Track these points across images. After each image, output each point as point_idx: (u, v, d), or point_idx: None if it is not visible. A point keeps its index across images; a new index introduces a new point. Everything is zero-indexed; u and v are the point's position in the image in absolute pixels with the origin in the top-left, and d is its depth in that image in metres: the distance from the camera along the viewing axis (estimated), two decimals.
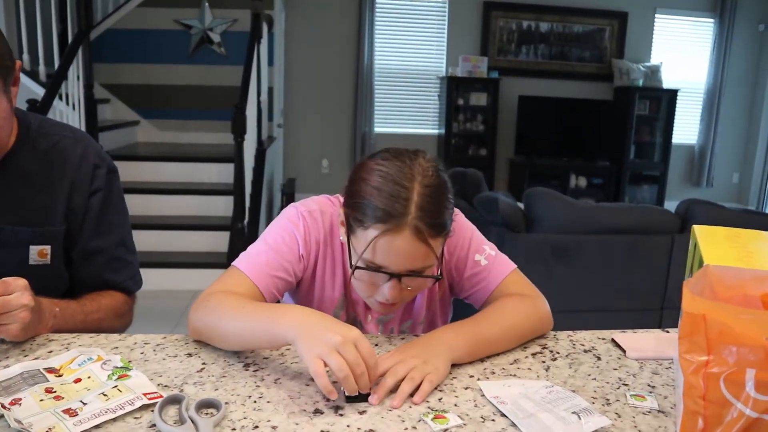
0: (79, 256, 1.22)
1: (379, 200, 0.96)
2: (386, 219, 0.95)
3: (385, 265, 0.99)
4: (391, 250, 0.97)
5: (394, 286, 1.01)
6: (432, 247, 0.98)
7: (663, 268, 2.81)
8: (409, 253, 0.97)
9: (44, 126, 1.20)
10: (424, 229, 0.96)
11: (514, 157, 6.81)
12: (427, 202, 0.96)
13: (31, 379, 0.85)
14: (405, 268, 1.00)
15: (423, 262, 1.00)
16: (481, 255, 1.16)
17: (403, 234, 0.95)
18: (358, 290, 1.09)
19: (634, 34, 6.95)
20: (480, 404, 0.85)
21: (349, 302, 1.19)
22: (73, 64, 3.97)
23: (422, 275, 1.02)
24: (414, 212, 0.95)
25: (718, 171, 7.37)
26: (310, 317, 0.88)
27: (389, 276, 1.00)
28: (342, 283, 1.17)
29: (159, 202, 4.39)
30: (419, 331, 1.23)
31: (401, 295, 1.04)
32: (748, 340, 0.66)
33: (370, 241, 0.97)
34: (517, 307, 1.09)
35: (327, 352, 0.80)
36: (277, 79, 5.94)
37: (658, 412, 0.85)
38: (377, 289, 1.04)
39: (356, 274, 1.03)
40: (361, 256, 0.99)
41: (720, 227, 0.97)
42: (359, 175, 1.01)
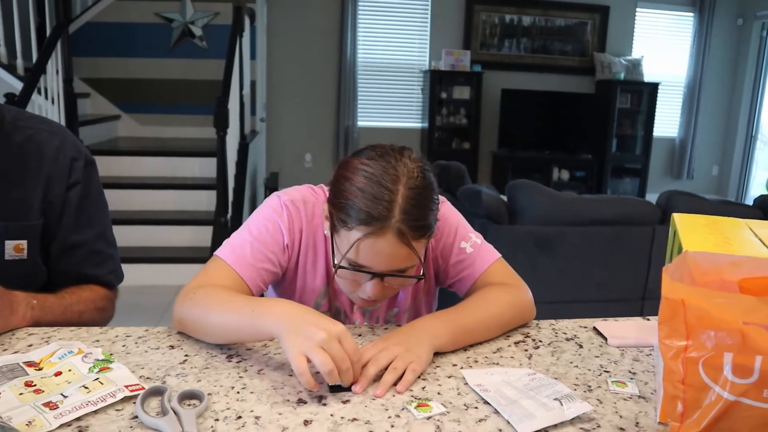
0: (59, 250, 1.20)
1: (362, 202, 0.96)
2: (370, 222, 0.95)
3: (368, 266, 0.99)
4: (374, 252, 0.97)
5: (377, 285, 1.02)
6: (414, 249, 0.98)
7: (644, 258, 2.84)
8: (392, 255, 0.98)
9: (19, 118, 1.18)
10: (407, 231, 0.96)
11: (497, 151, 6.84)
12: (411, 205, 0.96)
13: (10, 373, 0.84)
14: (387, 268, 1.00)
15: (405, 263, 1.00)
16: (466, 243, 1.17)
17: (386, 237, 0.95)
18: (341, 286, 1.10)
19: (616, 28, 7.00)
20: (463, 392, 0.86)
21: (333, 292, 1.19)
22: (52, 57, 3.91)
23: (404, 275, 1.03)
24: (398, 215, 0.95)
25: (698, 163, 7.46)
26: (295, 312, 0.88)
27: (372, 275, 1.01)
28: (324, 272, 1.17)
29: (141, 197, 4.36)
30: (404, 320, 1.24)
31: (383, 292, 1.05)
32: (726, 324, 0.67)
33: (353, 243, 0.97)
34: (499, 296, 1.09)
35: (311, 347, 0.81)
36: (260, 73, 5.90)
37: (639, 398, 0.86)
38: (360, 286, 1.05)
39: (339, 272, 1.04)
40: (344, 256, 1.00)
41: (699, 215, 0.98)
42: (344, 173, 1.01)
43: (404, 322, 1.17)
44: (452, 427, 0.77)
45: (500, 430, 0.76)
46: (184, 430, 0.72)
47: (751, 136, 7.35)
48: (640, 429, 0.78)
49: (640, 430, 0.78)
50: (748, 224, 0.97)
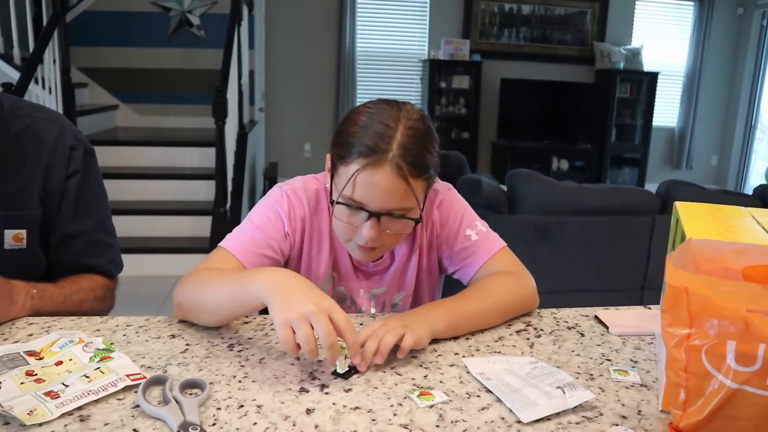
0: (58, 240, 1.19)
1: (363, 137, 0.98)
2: (368, 153, 0.97)
3: (365, 202, 1.00)
4: (370, 185, 0.98)
5: (373, 226, 1.01)
6: (412, 187, 0.99)
7: (644, 248, 2.84)
8: (388, 190, 0.98)
9: (17, 107, 1.17)
10: (405, 167, 0.97)
11: (496, 140, 6.83)
12: (411, 143, 0.98)
13: (10, 363, 0.84)
14: (384, 206, 1.00)
15: (402, 202, 1.00)
16: (472, 230, 1.17)
17: (383, 169, 0.97)
18: (338, 233, 1.08)
19: (615, 17, 6.96)
20: (465, 381, 0.86)
21: (340, 277, 1.19)
22: (49, 47, 3.88)
23: (401, 216, 1.02)
24: (396, 150, 0.97)
25: (698, 153, 7.45)
26: (286, 279, 0.86)
27: (368, 215, 1.00)
28: (328, 258, 1.17)
29: (140, 187, 4.35)
30: (410, 307, 1.23)
31: (380, 238, 1.03)
32: (729, 312, 0.67)
33: (351, 176, 0.98)
34: (502, 284, 1.09)
35: (297, 319, 0.79)
36: (258, 63, 5.87)
37: (641, 386, 0.86)
38: (356, 232, 1.04)
39: (336, 212, 1.04)
40: (341, 192, 1.00)
41: (701, 203, 0.98)
42: (347, 117, 1.04)
43: (409, 306, 1.20)
44: (455, 415, 0.77)
45: (503, 418, 0.76)
46: (186, 419, 0.72)
47: (751, 126, 7.34)
48: (643, 417, 0.78)
49: (643, 418, 0.78)
50: (750, 212, 0.96)
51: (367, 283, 1.21)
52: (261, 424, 0.73)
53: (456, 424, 0.75)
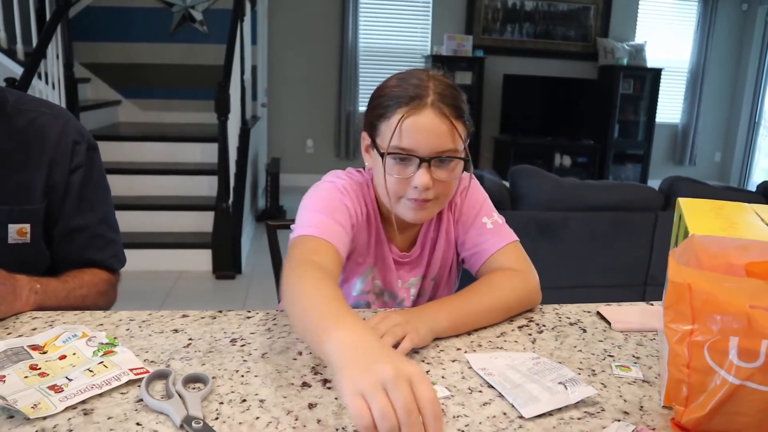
0: (61, 234, 1.20)
1: (399, 92, 1.05)
2: (409, 101, 1.03)
3: (413, 148, 1.03)
4: (416, 128, 1.02)
5: (425, 173, 1.04)
6: (456, 127, 1.04)
7: (647, 244, 2.84)
8: (434, 131, 1.03)
9: (21, 102, 1.17)
10: (445, 108, 1.03)
11: (498, 136, 6.82)
12: (445, 90, 1.05)
13: (15, 356, 0.84)
14: (432, 148, 1.03)
15: (448, 143, 1.04)
16: (488, 219, 1.20)
17: (425, 112, 1.02)
18: (390, 191, 1.08)
19: (619, 13, 6.94)
20: (467, 376, 0.86)
21: (378, 270, 1.21)
22: (52, 42, 3.88)
23: (449, 158, 1.05)
24: (433, 95, 1.03)
25: (701, 150, 7.43)
26: (360, 341, 0.70)
27: (419, 162, 1.04)
28: (374, 249, 1.20)
29: (142, 183, 4.35)
30: (428, 288, 1.27)
31: (434, 186, 1.06)
32: (732, 308, 0.67)
33: (396, 125, 1.03)
34: (505, 281, 1.10)
35: (372, 388, 0.62)
36: (261, 58, 5.87)
37: (643, 382, 0.86)
38: (408, 185, 1.06)
39: (388, 168, 1.06)
40: (389, 144, 1.04)
41: (704, 200, 0.98)
42: (380, 87, 1.10)
43: (428, 297, 1.26)
44: (457, 410, 0.77)
45: (504, 414, 0.77)
46: (189, 413, 0.72)
47: (754, 123, 7.32)
48: (645, 413, 0.78)
49: (645, 413, 0.78)
50: (753, 208, 0.96)
51: (404, 272, 1.23)
52: (263, 418, 0.73)
53: (458, 419, 0.75)
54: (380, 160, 1.07)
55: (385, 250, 1.21)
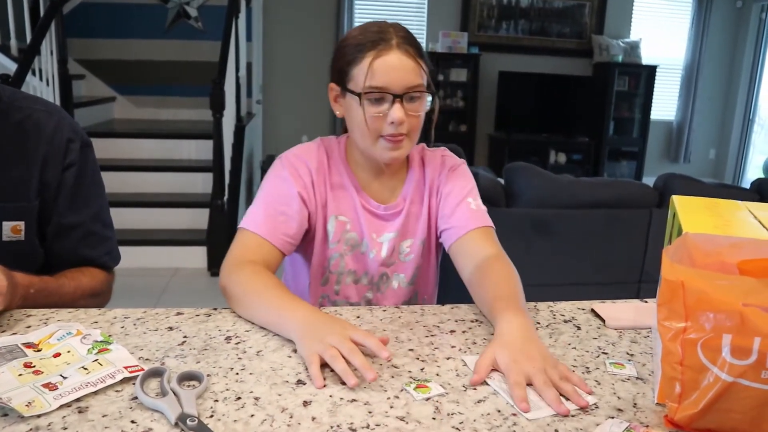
0: (54, 232, 1.19)
1: (364, 39, 1.13)
2: (376, 45, 1.12)
3: (386, 85, 1.11)
4: (386, 67, 1.11)
5: (399, 108, 1.12)
6: (421, 65, 1.14)
7: (641, 241, 2.85)
8: (402, 68, 1.12)
9: (15, 99, 1.17)
10: (409, 48, 1.13)
11: (494, 133, 6.82)
12: (405, 33, 1.16)
13: (8, 354, 0.84)
14: (403, 84, 1.12)
15: (416, 79, 1.13)
16: (474, 201, 1.26)
17: (392, 52, 1.12)
18: (368, 132, 1.15)
19: (614, 10, 6.95)
20: (462, 374, 0.86)
21: (353, 222, 1.26)
22: (46, 38, 3.87)
23: (419, 93, 1.14)
24: (395, 37, 1.13)
25: (696, 147, 7.45)
26: (313, 318, 0.92)
27: (392, 98, 1.12)
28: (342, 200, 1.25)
29: (137, 180, 4.34)
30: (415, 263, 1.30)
31: (408, 119, 1.14)
32: (725, 306, 0.67)
33: (367, 67, 1.11)
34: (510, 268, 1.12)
35: (323, 348, 0.84)
36: (256, 55, 5.86)
37: (637, 379, 0.86)
38: (384, 122, 1.13)
39: (365, 107, 1.13)
40: (364, 85, 1.11)
41: (698, 197, 0.98)
42: (342, 40, 1.18)
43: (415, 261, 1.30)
44: (451, 407, 0.77)
45: (498, 411, 0.77)
46: (184, 410, 0.72)
47: (749, 120, 7.35)
48: (638, 410, 0.78)
49: (638, 410, 0.78)
50: (747, 206, 0.97)
51: (379, 226, 1.27)
52: (258, 416, 0.74)
53: (452, 417, 0.75)
54: (354, 105, 1.15)
55: (356, 200, 1.25)
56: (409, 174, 1.30)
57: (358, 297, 1.30)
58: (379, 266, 1.28)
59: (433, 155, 1.32)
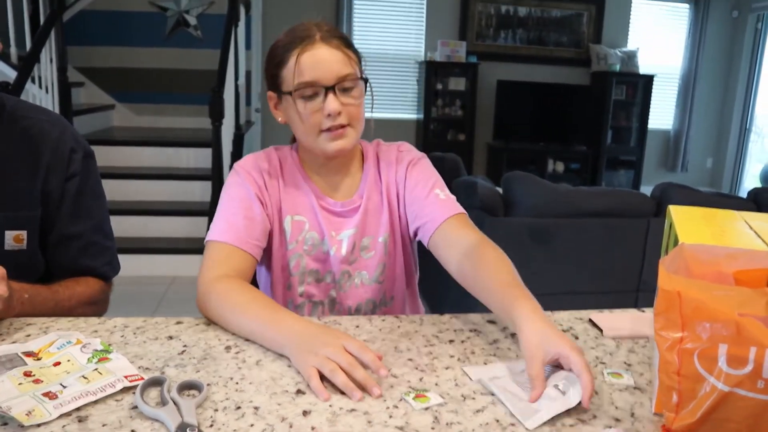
0: (56, 242, 1.20)
1: (288, 39, 1.14)
2: (299, 42, 1.13)
3: (316, 79, 1.11)
4: (313, 61, 1.11)
5: (333, 99, 1.12)
6: (348, 56, 1.14)
7: (639, 250, 2.85)
8: (329, 59, 1.12)
9: (19, 108, 1.18)
10: (334, 40, 1.14)
11: (492, 142, 6.84)
12: (329, 28, 1.16)
13: (8, 363, 0.84)
14: (333, 75, 1.12)
15: (346, 68, 1.13)
16: (442, 192, 1.24)
17: (317, 46, 1.12)
18: (308, 129, 1.15)
19: (612, 20, 6.99)
20: (461, 383, 0.86)
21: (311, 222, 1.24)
22: (46, 46, 3.88)
23: (352, 82, 1.14)
24: (319, 32, 1.14)
25: (693, 156, 7.47)
26: (303, 330, 0.92)
27: (324, 91, 1.12)
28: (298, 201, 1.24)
29: (136, 187, 4.34)
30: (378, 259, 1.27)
31: (345, 111, 1.13)
32: (721, 316, 0.68)
33: (294, 65, 1.12)
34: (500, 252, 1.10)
35: (320, 361, 0.84)
36: (255, 63, 5.87)
37: (635, 389, 0.87)
38: (321, 116, 1.13)
39: (299, 106, 1.13)
40: (294, 83, 1.12)
41: (695, 207, 0.99)
42: (270, 48, 1.19)
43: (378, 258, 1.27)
44: (450, 417, 0.78)
45: (497, 421, 0.77)
46: (184, 420, 0.73)
47: (745, 129, 7.37)
48: (636, 419, 0.79)
49: (636, 420, 0.79)
50: (742, 216, 0.97)
51: (338, 224, 1.25)
52: (258, 425, 0.74)
53: (451, 426, 0.76)
54: (291, 106, 1.15)
55: (312, 200, 1.24)
56: (364, 170, 1.29)
57: (323, 296, 1.28)
58: (340, 263, 1.26)
59: (388, 150, 1.31)
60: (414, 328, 1.06)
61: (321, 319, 1.09)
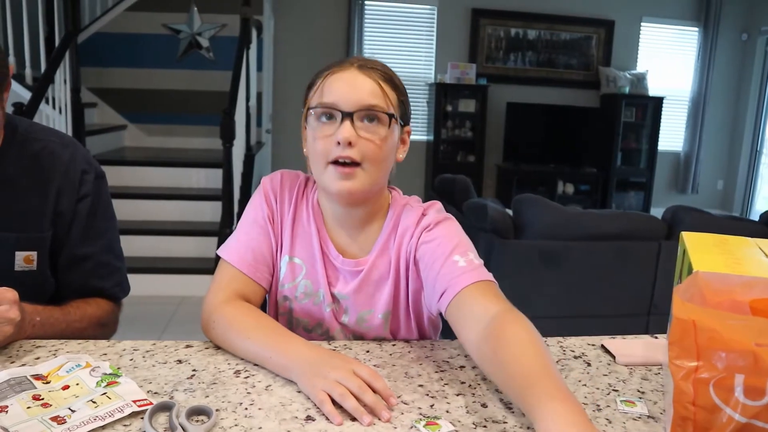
0: (66, 262, 1.20)
1: (326, 65, 1.07)
2: (334, 66, 1.05)
3: (335, 102, 1.00)
4: (339, 82, 1.02)
5: (348, 126, 0.99)
6: (382, 87, 1.03)
7: (650, 274, 2.83)
8: (356, 85, 1.01)
9: (31, 130, 1.19)
10: (370, 70, 1.03)
11: (502, 164, 6.84)
12: (374, 62, 1.06)
13: (17, 386, 0.84)
14: (354, 102, 1.00)
15: (373, 99, 1.01)
16: (462, 257, 1.02)
17: (349, 70, 1.03)
18: (316, 157, 1.03)
19: (621, 42, 7.02)
20: (472, 411, 0.85)
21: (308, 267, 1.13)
22: (60, 67, 3.94)
23: (375, 115, 1.01)
24: (359, 61, 1.05)
25: (703, 178, 7.44)
26: (312, 354, 0.91)
27: (341, 116, 1.00)
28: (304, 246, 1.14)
29: (146, 208, 4.37)
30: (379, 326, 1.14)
31: (362, 144, 1.00)
32: (737, 346, 0.67)
33: (320, 86, 1.03)
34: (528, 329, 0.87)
35: (330, 386, 0.83)
36: (266, 85, 5.93)
37: (648, 418, 0.85)
38: (333, 143, 1.00)
39: (311, 127, 1.03)
40: (316, 103, 1.02)
41: (708, 234, 0.98)
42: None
43: (375, 332, 1.14)
44: None
45: None
46: None
47: (756, 151, 7.35)
48: None
49: None
50: (757, 243, 0.96)
51: (334, 279, 1.13)
52: None
53: None
54: (309, 132, 1.05)
55: (315, 244, 1.12)
56: (382, 231, 1.12)
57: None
58: (335, 323, 1.14)
59: (412, 211, 1.11)
60: (425, 353, 1.05)
61: (330, 344, 1.08)
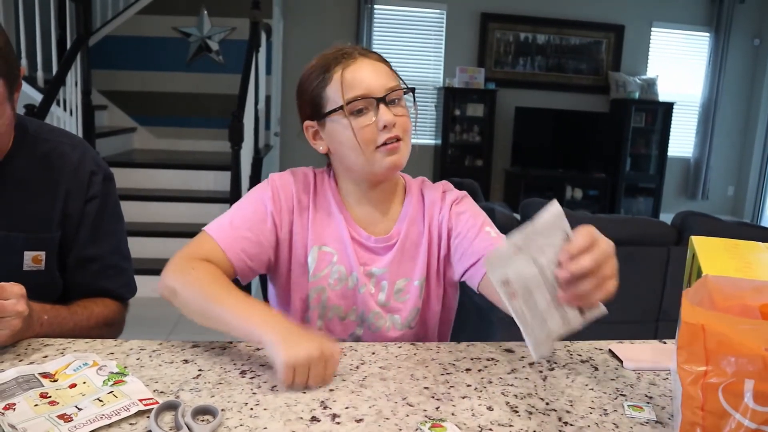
0: (74, 263, 1.21)
1: (325, 61, 1.13)
2: (339, 60, 1.11)
3: (366, 91, 1.09)
4: (360, 75, 1.09)
5: (386, 110, 1.09)
6: (388, 66, 1.14)
7: (659, 280, 2.81)
8: (375, 71, 1.11)
9: (41, 131, 1.20)
10: (372, 56, 1.14)
11: (510, 168, 6.83)
12: (364, 48, 1.16)
13: (25, 384, 0.84)
14: (381, 86, 1.10)
15: (392, 80, 1.12)
16: (492, 229, 1.18)
17: (358, 61, 1.11)
18: (365, 143, 1.10)
19: (631, 47, 6.99)
20: (477, 413, 0.85)
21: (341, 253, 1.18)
22: (72, 70, 3.96)
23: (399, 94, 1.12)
24: (356, 51, 1.13)
25: (713, 184, 7.40)
26: (289, 324, 0.94)
27: (376, 102, 1.09)
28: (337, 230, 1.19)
29: (155, 209, 4.38)
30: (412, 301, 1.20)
31: (398, 121, 1.10)
32: (747, 351, 0.66)
33: (340, 82, 1.09)
34: None
35: (302, 366, 0.87)
36: (275, 88, 5.94)
37: (656, 423, 0.85)
38: (376, 131, 1.09)
39: (342, 123, 1.10)
40: (344, 99, 1.08)
41: (718, 238, 0.97)
42: (302, 77, 1.17)
43: (412, 302, 1.20)
44: None
45: None
46: None
47: (767, 156, 7.29)
48: None
49: None
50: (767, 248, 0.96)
51: (368, 259, 1.19)
52: None
53: None
54: (338, 127, 1.11)
55: (343, 230, 1.18)
56: (405, 205, 1.22)
57: (345, 334, 1.21)
58: (371, 303, 1.19)
59: (434, 188, 1.25)
60: (431, 355, 1.04)
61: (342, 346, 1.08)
